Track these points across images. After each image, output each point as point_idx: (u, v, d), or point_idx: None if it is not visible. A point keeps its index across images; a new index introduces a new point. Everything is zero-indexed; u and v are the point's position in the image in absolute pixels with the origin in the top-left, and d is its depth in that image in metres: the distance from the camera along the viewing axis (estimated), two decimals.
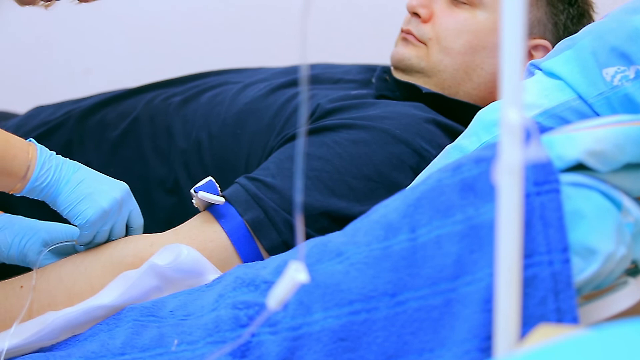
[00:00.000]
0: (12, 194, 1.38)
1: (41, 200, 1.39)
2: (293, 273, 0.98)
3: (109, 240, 1.43)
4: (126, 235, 1.45)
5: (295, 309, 1.20)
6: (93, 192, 1.39)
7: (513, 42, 0.95)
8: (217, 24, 2.43)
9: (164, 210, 1.62)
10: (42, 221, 1.46)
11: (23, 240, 1.44)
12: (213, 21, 2.43)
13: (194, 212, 1.51)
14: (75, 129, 1.73)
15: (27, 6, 1.47)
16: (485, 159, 1.19)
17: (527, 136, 0.98)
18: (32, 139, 1.39)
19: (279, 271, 1.26)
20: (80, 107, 1.78)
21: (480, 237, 1.15)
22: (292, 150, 1.49)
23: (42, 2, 1.46)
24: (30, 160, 1.36)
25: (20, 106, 2.09)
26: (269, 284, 1.25)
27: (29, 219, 1.48)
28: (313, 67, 1.81)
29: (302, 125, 1.40)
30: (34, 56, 2.48)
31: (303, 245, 1.18)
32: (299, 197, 0.98)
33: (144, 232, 1.49)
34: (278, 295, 0.99)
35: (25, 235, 1.44)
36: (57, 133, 1.74)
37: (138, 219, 1.45)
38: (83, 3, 1.49)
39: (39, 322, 1.37)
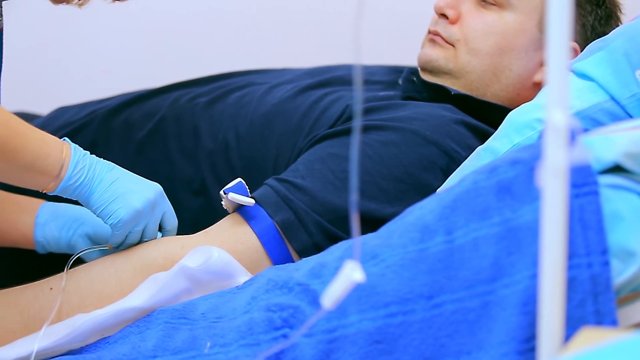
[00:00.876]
0: (44, 193, 1.37)
1: (74, 199, 1.39)
2: (349, 272, 0.97)
3: (141, 241, 1.43)
4: (161, 237, 1.45)
5: (330, 312, 1.19)
6: (126, 192, 1.38)
7: (558, 42, 0.95)
8: (234, 25, 2.43)
9: (190, 211, 1.61)
10: (87, 210, 1.45)
11: (69, 232, 1.46)
12: (231, 22, 2.43)
13: (221, 213, 1.50)
14: (100, 129, 1.73)
15: (60, 4, 1.47)
16: (521, 160, 1.18)
17: (572, 137, 0.98)
18: (66, 138, 1.38)
19: (313, 273, 1.25)
20: (104, 107, 1.78)
21: (518, 240, 1.14)
22: (322, 152, 1.49)
23: (76, 0, 1.45)
24: (64, 159, 1.35)
25: (39, 107, 2.09)
26: (302, 287, 1.24)
27: (74, 206, 1.48)
28: (337, 68, 1.80)
29: (357, 123, 1.39)
30: (52, 57, 2.48)
31: (359, 244, 1.18)
32: (354, 196, 0.97)
33: None
34: (333, 295, 0.99)
35: (70, 228, 1.47)
36: (82, 133, 1.73)
37: (172, 220, 1.45)
38: (117, 2, 1.48)
39: (69, 324, 1.37)
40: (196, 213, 1.61)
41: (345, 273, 0.99)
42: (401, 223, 1.24)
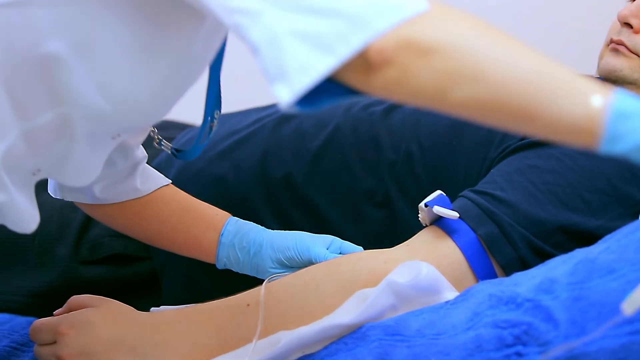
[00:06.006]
0: None
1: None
2: None
3: None
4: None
5: (568, 328, 1.15)
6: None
7: None
8: None
9: (373, 223, 1.57)
10: (272, 234, 1.44)
11: (253, 259, 1.43)
12: None
13: (405, 226, 1.47)
14: (270, 138, 1.70)
15: None
16: None
17: None
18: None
19: (542, 289, 1.21)
20: (269, 115, 1.75)
21: None
22: (519, 163, 1.44)
23: None
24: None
25: (173, 114, 2.06)
26: (532, 302, 1.20)
27: (258, 227, 1.46)
28: None
29: None
30: None
31: None
32: None
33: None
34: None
35: (255, 254, 1.43)
36: (252, 142, 1.70)
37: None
38: None
39: (272, 342, 1.33)
40: (379, 225, 1.57)
41: None
42: (634, 237, 1.20)
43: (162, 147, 1.48)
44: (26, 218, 1.20)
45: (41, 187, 1.63)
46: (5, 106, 1.12)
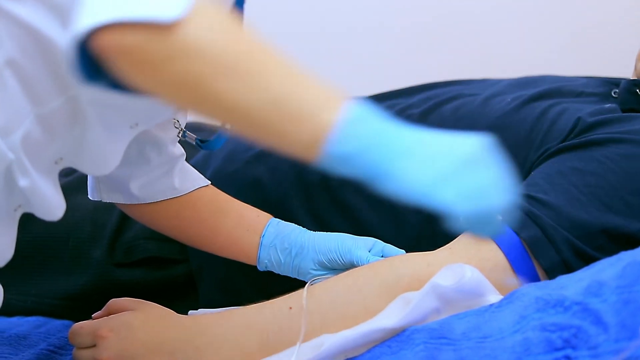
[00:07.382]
0: None
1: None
2: None
3: None
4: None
5: (618, 332, 1.15)
6: None
7: None
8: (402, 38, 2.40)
9: (412, 227, 1.56)
10: (311, 232, 1.44)
11: (297, 259, 1.42)
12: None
13: (443, 229, 1.45)
14: None
15: None
16: None
17: None
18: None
19: (590, 292, 1.20)
20: None
21: None
22: (561, 166, 1.44)
23: None
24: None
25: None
26: (581, 305, 1.20)
27: (300, 229, 1.45)
28: (544, 79, 1.76)
29: None
30: None
31: None
32: None
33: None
34: None
35: (297, 255, 1.42)
36: None
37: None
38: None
39: (316, 345, 1.33)
40: (418, 228, 1.57)
41: None
42: None
43: (187, 138, 1.48)
44: (52, 204, 1.19)
45: (74, 190, 1.63)
46: (19, 92, 1.12)
